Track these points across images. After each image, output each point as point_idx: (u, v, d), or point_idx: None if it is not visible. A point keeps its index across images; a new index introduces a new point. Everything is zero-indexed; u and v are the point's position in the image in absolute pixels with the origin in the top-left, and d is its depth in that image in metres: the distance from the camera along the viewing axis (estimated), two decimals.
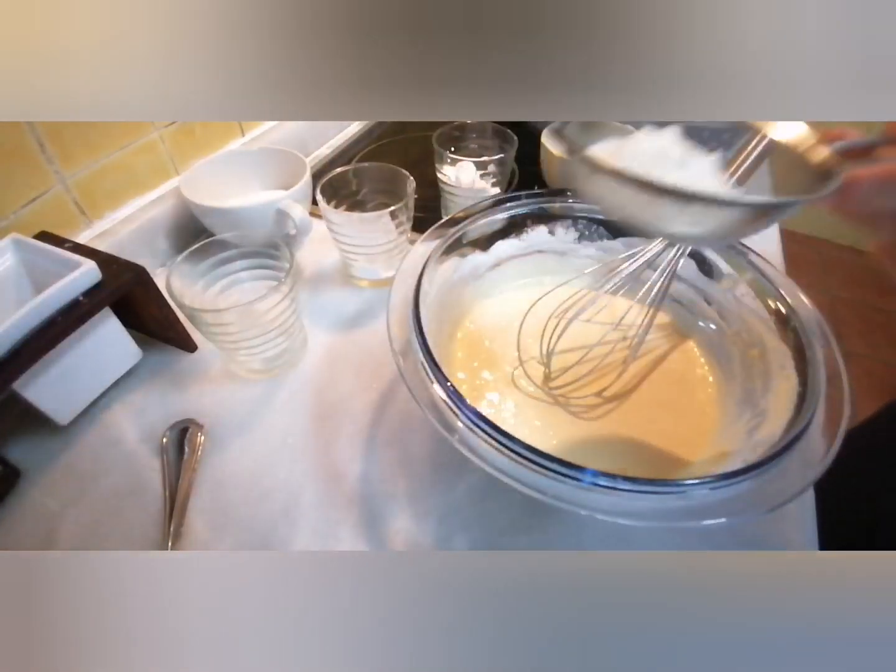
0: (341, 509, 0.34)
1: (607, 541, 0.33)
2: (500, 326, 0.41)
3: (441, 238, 0.37)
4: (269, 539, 0.33)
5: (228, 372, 0.43)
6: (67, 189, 0.45)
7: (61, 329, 0.33)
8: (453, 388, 0.27)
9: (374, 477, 0.36)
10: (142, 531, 0.33)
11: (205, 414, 0.40)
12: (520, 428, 0.35)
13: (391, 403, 0.41)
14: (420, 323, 0.30)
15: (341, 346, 0.45)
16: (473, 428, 0.26)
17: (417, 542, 0.33)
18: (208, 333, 0.37)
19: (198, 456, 0.37)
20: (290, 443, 0.38)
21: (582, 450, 0.34)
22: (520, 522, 0.34)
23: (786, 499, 0.24)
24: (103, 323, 0.38)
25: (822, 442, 0.26)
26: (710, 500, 0.25)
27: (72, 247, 0.38)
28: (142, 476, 0.36)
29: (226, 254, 0.39)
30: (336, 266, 0.53)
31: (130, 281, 0.37)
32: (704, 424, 0.35)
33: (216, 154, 0.55)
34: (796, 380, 0.30)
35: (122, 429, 0.39)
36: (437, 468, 0.37)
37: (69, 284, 0.33)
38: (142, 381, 0.42)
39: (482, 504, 0.35)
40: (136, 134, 0.48)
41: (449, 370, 0.30)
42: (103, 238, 0.47)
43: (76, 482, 0.36)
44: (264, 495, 0.35)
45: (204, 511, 0.34)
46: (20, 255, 0.37)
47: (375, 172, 0.48)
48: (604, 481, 0.24)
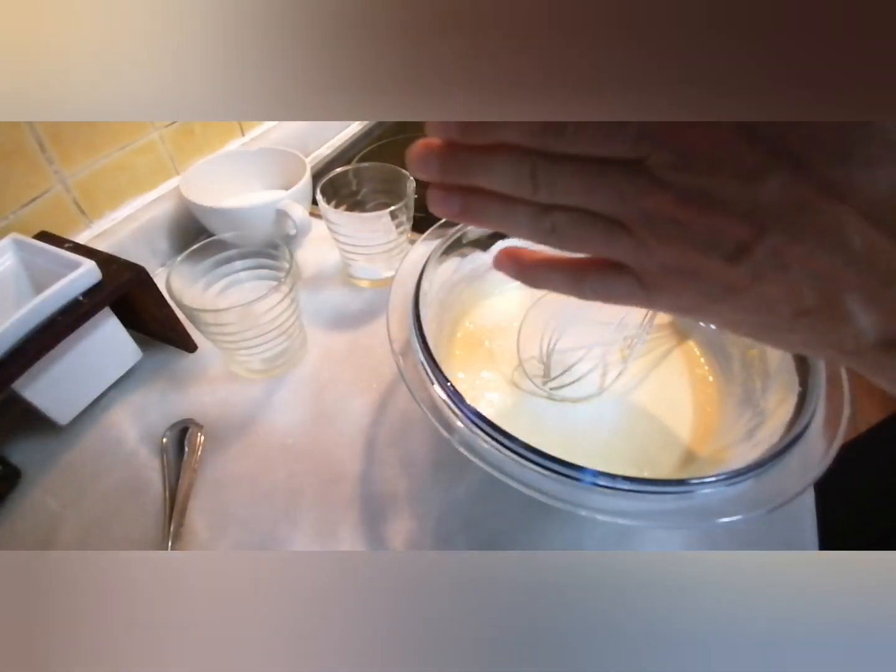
0: (341, 509, 0.34)
1: (607, 541, 0.33)
2: (500, 326, 0.41)
3: (441, 238, 0.37)
4: (269, 539, 0.33)
5: (228, 372, 0.43)
6: (67, 189, 0.45)
7: (61, 329, 0.33)
8: (453, 387, 0.27)
9: (374, 477, 0.36)
10: (142, 531, 0.33)
11: (205, 414, 0.40)
12: (520, 428, 0.35)
13: (391, 403, 0.41)
14: (420, 323, 0.30)
15: (341, 346, 0.45)
16: (473, 428, 0.26)
17: (417, 542, 0.33)
18: (208, 333, 0.37)
19: (198, 456, 0.37)
20: (290, 443, 0.38)
21: (582, 449, 0.34)
22: (520, 522, 0.34)
23: (786, 499, 0.24)
24: (103, 323, 0.38)
25: (822, 442, 0.26)
26: (710, 500, 0.25)
27: (72, 247, 0.38)
28: (142, 476, 0.36)
29: (226, 254, 0.39)
30: (336, 266, 0.53)
31: (130, 281, 0.37)
32: (704, 424, 0.35)
33: (216, 154, 0.55)
34: (796, 380, 0.30)
35: (122, 429, 0.39)
36: (437, 468, 0.37)
37: (69, 284, 0.33)
38: (142, 381, 0.42)
39: (482, 504, 0.35)
40: (136, 134, 0.48)
41: (449, 370, 0.30)
42: (103, 238, 0.47)
43: (76, 482, 0.36)
44: (264, 495, 0.35)
45: (204, 511, 0.34)
46: (20, 255, 0.37)
47: (375, 172, 0.48)
48: (604, 481, 0.24)
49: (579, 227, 0.16)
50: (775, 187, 0.13)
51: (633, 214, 0.15)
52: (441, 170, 0.17)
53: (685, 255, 0.15)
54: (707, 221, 0.14)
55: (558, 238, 0.17)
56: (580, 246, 0.17)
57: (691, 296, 0.16)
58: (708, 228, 0.14)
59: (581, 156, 0.15)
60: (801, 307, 0.15)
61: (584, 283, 0.18)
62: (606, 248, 0.16)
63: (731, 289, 0.15)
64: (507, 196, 0.17)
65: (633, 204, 0.15)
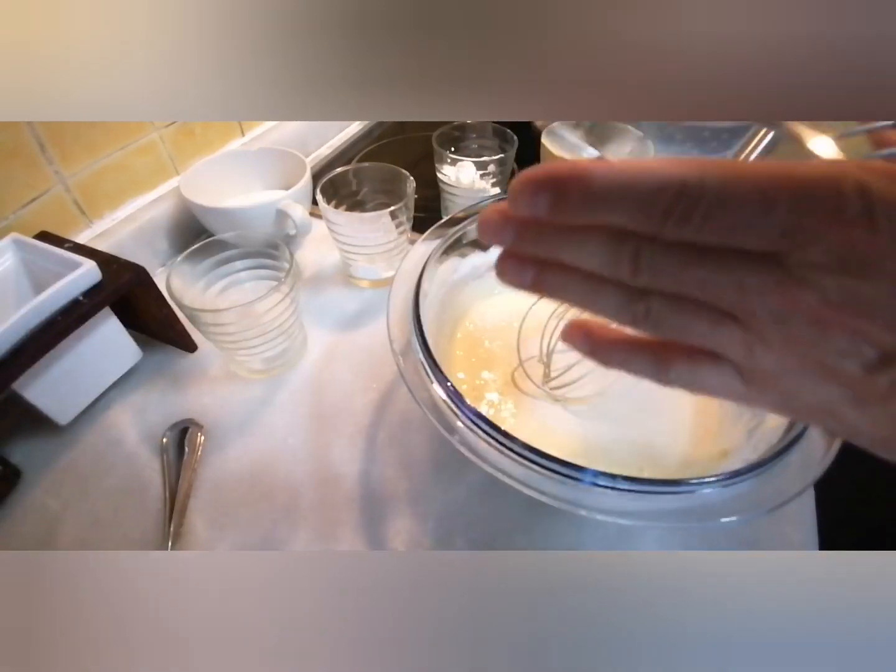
0: (341, 509, 0.34)
1: (607, 541, 0.33)
2: (500, 326, 0.41)
3: (441, 238, 0.37)
4: (269, 539, 0.33)
5: (228, 372, 0.43)
6: (67, 189, 0.45)
7: (61, 329, 0.33)
8: (453, 387, 0.27)
9: (374, 477, 0.36)
10: (142, 531, 0.33)
11: (205, 414, 0.40)
12: (519, 428, 0.35)
13: (391, 403, 0.41)
14: (420, 323, 0.30)
15: (341, 346, 0.45)
16: (473, 428, 0.26)
17: (417, 542, 0.33)
18: (208, 333, 0.37)
19: (198, 456, 0.37)
20: (290, 443, 0.38)
21: (582, 449, 0.34)
22: (520, 522, 0.34)
23: (786, 499, 0.24)
24: (103, 323, 0.38)
25: (822, 442, 0.26)
26: (710, 500, 0.25)
27: (72, 247, 0.38)
28: (142, 476, 0.36)
29: (226, 254, 0.39)
30: (336, 266, 0.53)
31: (130, 281, 0.37)
32: (704, 424, 0.35)
33: (216, 154, 0.55)
34: None
35: (122, 429, 0.39)
36: (437, 468, 0.37)
37: (69, 284, 0.33)
38: (142, 381, 0.42)
39: (482, 504, 0.35)
40: (136, 134, 0.48)
41: (449, 370, 0.30)
42: (103, 238, 0.47)
43: (76, 482, 0.36)
44: (264, 495, 0.35)
45: (204, 511, 0.34)
46: (20, 255, 0.37)
47: (375, 172, 0.48)
48: (604, 481, 0.24)
49: (682, 315, 0.15)
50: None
51: (753, 308, 0.14)
52: (518, 240, 0.16)
53: (815, 359, 0.14)
54: (852, 326, 0.13)
55: (652, 325, 0.15)
56: (678, 335, 0.15)
57: (808, 399, 0.15)
58: (852, 333, 0.13)
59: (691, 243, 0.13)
60: None
61: (671, 370, 0.16)
62: (710, 340, 0.15)
63: (863, 399, 0.14)
64: (591, 273, 0.15)
65: (759, 298, 0.13)
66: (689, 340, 0.15)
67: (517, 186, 0.14)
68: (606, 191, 0.13)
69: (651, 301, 0.15)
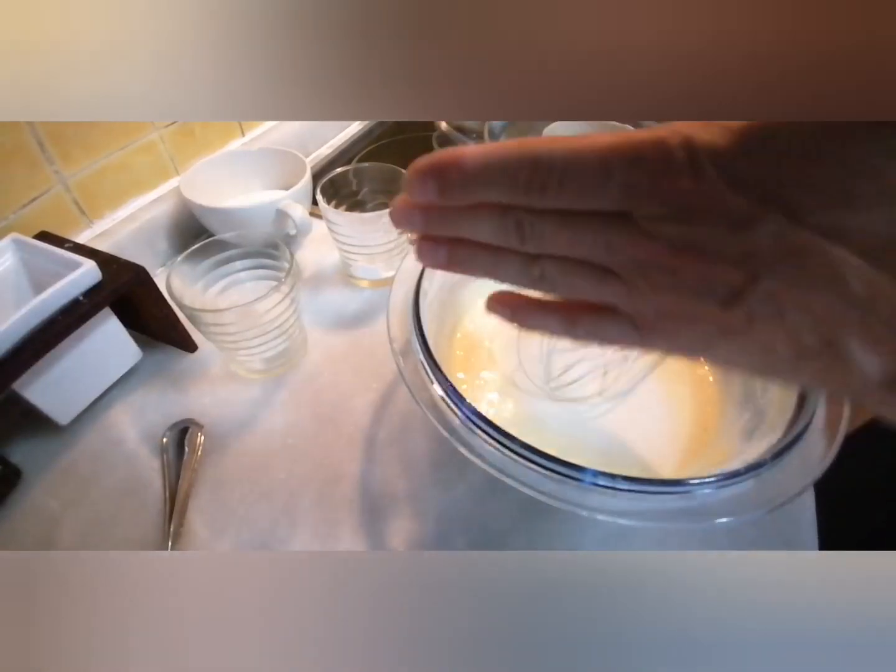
0: (341, 509, 0.34)
1: (607, 541, 0.33)
2: (500, 326, 0.40)
3: None
4: (269, 539, 0.33)
5: (228, 372, 0.43)
6: (67, 189, 0.45)
7: (61, 329, 0.33)
8: (453, 387, 0.27)
9: (374, 477, 0.36)
10: (142, 531, 0.33)
11: (205, 414, 0.40)
12: (520, 428, 0.35)
13: (391, 403, 0.41)
14: (420, 323, 0.30)
15: (341, 346, 0.45)
16: (473, 428, 0.26)
17: (417, 542, 0.33)
18: (208, 333, 0.37)
19: (198, 456, 0.37)
20: (290, 443, 0.38)
21: (582, 450, 0.34)
22: (520, 522, 0.34)
23: (786, 499, 0.24)
24: (103, 323, 0.38)
25: (822, 442, 0.26)
26: (710, 500, 0.25)
27: (72, 247, 0.38)
28: (142, 476, 0.36)
29: (226, 254, 0.39)
30: (336, 266, 0.53)
31: (130, 281, 0.37)
32: (704, 424, 0.35)
33: (216, 154, 0.55)
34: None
35: (122, 429, 0.39)
36: (437, 468, 0.37)
37: (69, 284, 0.33)
38: (142, 381, 0.42)
39: (482, 504, 0.35)
40: (136, 134, 0.48)
41: (449, 370, 0.30)
42: (103, 238, 0.47)
43: (76, 482, 0.36)
44: (264, 495, 0.35)
45: (204, 511, 0.34)
46: (20, 255, 0.37)
47: (375, 172, 0.48)
48: (604, 481, 0.24)
49: (569, 274, 0.16)
50: (766, 234, 0.13)
51: (623, 262, 0.15)
52: (425, 224, 0.17)
53: (679, 301, 0.15)
54: (699, 269, 0.14)
55: (549, 285, 0.17)
56: (571, 292, 0.17)
57: (687, 338, 0.17)
58: (700, 275, 0.15)
59: (566, 210, 0.15)
60: (801, 350, 0.15)
61: (578, 326, 0.18)
62: (598, 294, 0.17)
63: (728, 332, 0.15)
64: (495, 246, 0.17)
65: (623, 253, 0.15)
66: (583, 296, 0.17)
67: (410, 176, 0.16)
68: (477, 172, 0.15)
69: (543, 264, 0.17)
